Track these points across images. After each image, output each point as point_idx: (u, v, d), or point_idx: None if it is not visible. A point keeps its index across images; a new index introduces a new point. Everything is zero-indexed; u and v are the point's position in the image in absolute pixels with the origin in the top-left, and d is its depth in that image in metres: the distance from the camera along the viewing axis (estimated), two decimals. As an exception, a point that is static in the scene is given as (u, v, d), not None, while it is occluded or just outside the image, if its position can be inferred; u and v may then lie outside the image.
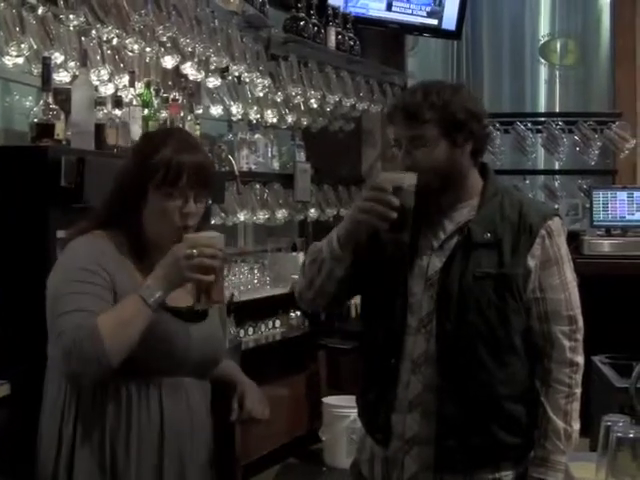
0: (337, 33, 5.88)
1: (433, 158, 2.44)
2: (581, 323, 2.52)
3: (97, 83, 3.80)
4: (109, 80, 3.86)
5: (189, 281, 2.33)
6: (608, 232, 6.44)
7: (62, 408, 2.39)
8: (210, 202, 2.50)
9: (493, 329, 2.43)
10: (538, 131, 7.15)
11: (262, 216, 5.33)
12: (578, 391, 2.51)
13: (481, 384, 2.43)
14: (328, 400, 5.26)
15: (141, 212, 2.42)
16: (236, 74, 4.88)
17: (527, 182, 7.22)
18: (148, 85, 4.18)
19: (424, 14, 6.63)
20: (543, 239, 2.47)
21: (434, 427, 2.44)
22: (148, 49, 4.00)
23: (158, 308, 2.30)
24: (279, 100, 5.42)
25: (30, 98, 3.82)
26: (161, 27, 3.96)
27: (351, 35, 6.05)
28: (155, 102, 4.19)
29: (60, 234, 3.22)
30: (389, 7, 6.49)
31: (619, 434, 1.97)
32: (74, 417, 2.37)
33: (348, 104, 5.98)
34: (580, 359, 2.51)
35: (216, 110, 5.04)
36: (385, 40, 6.77)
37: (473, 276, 2.43)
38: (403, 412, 2.47)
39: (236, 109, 5.09)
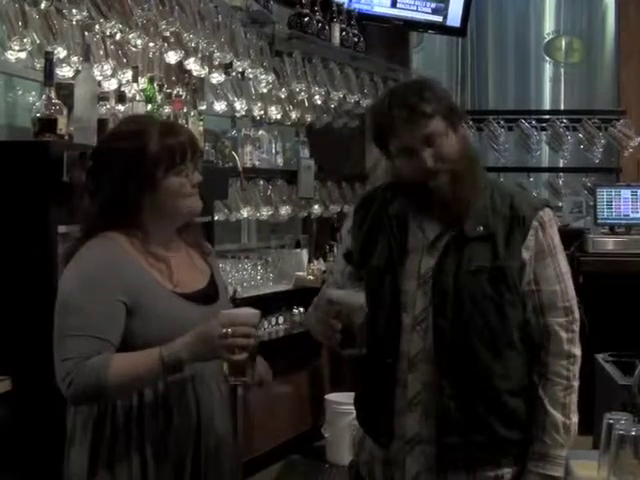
0: (341, 29, 5.87)
1: (454, 146, 2.40)
2: (577, 314, 2.48)
3: (100, 78, 3.80)
4: (112, 75, 3.86)
5: (220, 358, 2.31)
6: (612, 230, 6.44)
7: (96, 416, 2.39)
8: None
9: (490, 323, 2.40)
10: (542, 129, 7.15)
11: (265, 212, 5.32)
12: (576, 384, 2.46)
13: (480, 379, 2.40)
14: (331, 397, 5.27)
15: (144, 205, 2.42)
16: (240, 70, 4.87)
17: (531, 179, 7.23)
18: (151, 80, 4.17)
19: (429, 11, 6.62)
20: (536, 231, 2.43)
21: (434, 426, 2.41)
22: (151, 44, 3.99)
23: (172, 371, 2.30)
24: (283, 96, 5.42)
25: (33, 93, 3.82)
26: (164, 22, 3.95)
27: (355, 31, 6.04)
28: (158, 97, 4.18)
29: (62, 229, 3.22)
30: (394, 4, 6.48)
31: (621, 432, 1.96)
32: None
33: (352, 100, 5.97)
34: (577, 351, 2.47)
35: (220, 106, 5.04)
36: (389, 36, 6.75)
37: (468, 270, 2.39)
38: (403, 412, 2.44)
39: (240, 105, 5.08)
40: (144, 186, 2.41)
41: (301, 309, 5.51)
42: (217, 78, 4.71)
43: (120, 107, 3.83)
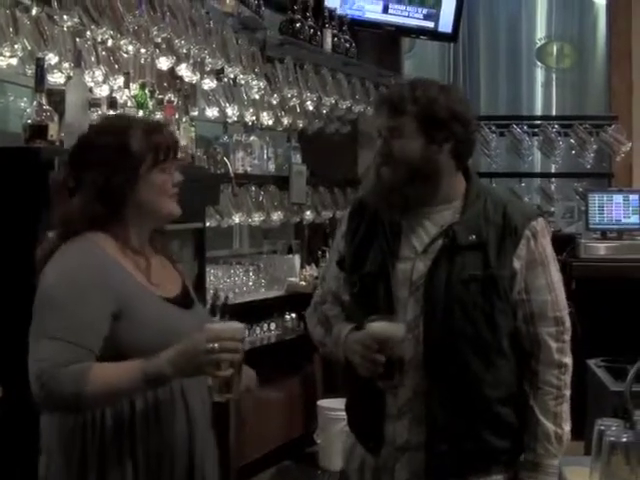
0: (333, 35, 5.87)
1: (407, 151, 2.42)
2: (568, 324, 2.48)
3: (91, 84, 3.79)
4: (103, 81, 3.85)
5: (205, 374, 2.25)
6: (604, 235, 6.44)
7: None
8: None
9: (480, 331, 2.40)
10: (534, 134, 7.17)
11: (257, 218, 5.32)
12: (567, 392, 2.46)
13: (469, 387, 2.41)
14: (323, 403, 5.25)
15: (127, 201, 2.37)
16: (231, 76, 4.87)
17: (523, 185, 7.23)
18: (143, 86, 4.16)
19: (420, 17, 6.63)
20: (528, 240, 2.44)
21: (424, 433, 2.41)
22: (143, 50, 3.98)
23: (155, 385, 2.25)
24: (275, 102, 5.41)
25: (25, 99, 3.81)
26: (156, 28, 3.95)
27: (347, 37, 6.05)
28: (150, 104, 4.17)
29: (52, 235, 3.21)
30: (385, 9, 6.49)
31: (612, 438, 1.96)
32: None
33: (344, 106, 5.97)
34: (568, 360, 2.47)
35: (211, 112, 5.03)
36: (381, 42, 6.76)
37: (459, 279, 2.39)
38: (393, 419, 2.44)
39: (232, 111, 5.08)
40: (128, 179, 2.35)
41: (293, 315, 5.51)
42: (209, 84, 4.70)
43: (112, 113, 3.82)
